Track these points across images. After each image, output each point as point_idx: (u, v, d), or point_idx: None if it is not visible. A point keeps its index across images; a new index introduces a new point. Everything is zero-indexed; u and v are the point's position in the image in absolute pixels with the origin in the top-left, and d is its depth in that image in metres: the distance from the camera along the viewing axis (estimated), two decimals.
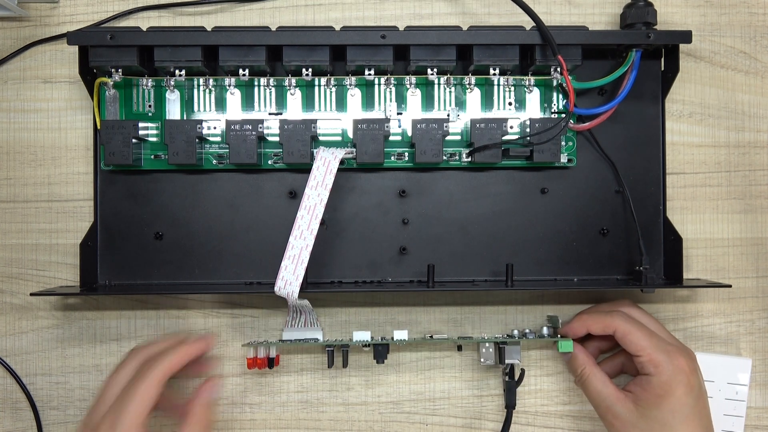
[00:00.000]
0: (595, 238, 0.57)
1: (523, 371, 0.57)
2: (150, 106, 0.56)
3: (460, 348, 0.58)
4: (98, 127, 0.55)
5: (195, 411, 0.49)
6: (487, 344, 0.56)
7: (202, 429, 0.49)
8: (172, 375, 0.49)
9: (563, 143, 0.56)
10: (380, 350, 0.55)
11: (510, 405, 0.56)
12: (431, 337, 0.56)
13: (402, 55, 0.54)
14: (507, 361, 0.55)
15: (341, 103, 0.56)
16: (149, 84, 0.55)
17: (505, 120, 0.54)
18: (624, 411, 0.51)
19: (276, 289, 0.51)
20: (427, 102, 0.57)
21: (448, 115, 0.56)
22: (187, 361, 0.50)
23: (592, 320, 0.53)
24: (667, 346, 0.51)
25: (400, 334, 0.55)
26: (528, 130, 0.54)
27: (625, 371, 0.56)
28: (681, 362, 0.50)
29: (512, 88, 0.56)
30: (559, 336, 0.55)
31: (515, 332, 0.56)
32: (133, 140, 0.53)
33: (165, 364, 0.48)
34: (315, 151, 0.53)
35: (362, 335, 0.55)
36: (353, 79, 0.56)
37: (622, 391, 0.52)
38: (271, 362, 0.56)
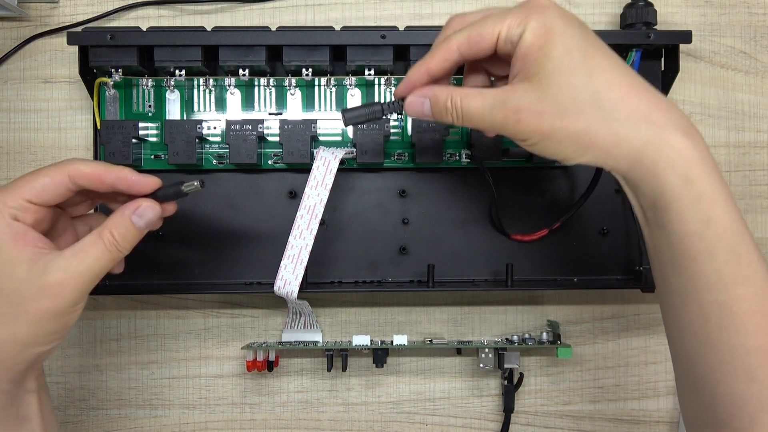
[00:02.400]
0: (595, 238, 0.57)
1: (521, 375, 0.57)
2: (150, 106, 0.56)
3: (459, 351, 0.58)
4: (98, 127, 0.55)
5: (109, 221, 0.39)
6: (486, 350, 0.56)
7: (108, 246, 0.39)
8: (82, 180, 0.39)
9: None
10: (379, 354, 0.55)
11: (508, 409, 0.56)
12: (431, 341, 0.56)
13: (402, 55, 0.54)
14: (506, 366, 0.55)
15: (341, 103, 0.56)
16: (149, 84, 0.55)
17: None
18: (519, 96, 0.37)
19: (275, 288, 0.51)
20: None
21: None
22: (113, 180, 0.40)
23: (427, 59, 0.40)
24: (514, 7, 0.38)
25: (400, 339, 0.55)
26: None
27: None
28: (539, 1, 0.38)
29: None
30: (559, 342, 0.55)
31: (515, 337, 0.56)
32: (133, 140, 0.53)
33: (84, 163, 0.39)
34: (315, 151, 0.53)
35: (362, 339, 0.55)
36: (353, 79, 0.56)
37: (506, 85, 0.39)
38: (271, 365, 0.56)
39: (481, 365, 0.56)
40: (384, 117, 0.43)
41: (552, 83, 0.36)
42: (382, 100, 0.56)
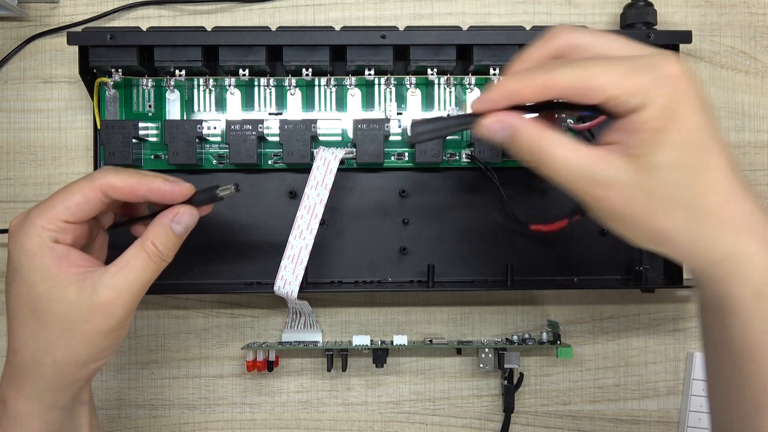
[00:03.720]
0: (595, 238, 0.57)
1: (521, 375, 0.57)
2: (150, 106, 0.56)
3: (459, 351, 0.58)
4: (98, 127, 0.55)
5: (150, 231, 0.39)
6: (486, 350, 0.56)
7: (152, 257, 0.39)
8: (116, 194, 0.39)
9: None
10: (379, 354, 0.55)
11: (508, 409, 0.56)
12: (431, 341, 0.56)
13: (402, 55, 0.54)
14: (506, 366, 0.55)
15: (341, 103, 0.56)
16: (149, 84, 0.55)
17: None
18: (613, 172, 0.33)
19: (275, 288, 0.51)
20: (427, 102, 0.57)
21: (449, 115, 0.56)
22: (146, 192, 0.39)
23: (520, 84, 0.35)
24: (638, 60, 0.33)
25: (400, 339, 0.55)
26: None
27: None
28: (669, 69, 0.32)
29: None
30: (559, 342, 0.55)
31: (515, 337, 0.56)
32: (133, 140, 0.53)
33: (116, 176, 0.38)
34: (315, 151, 0.53)
35: (362, 339, 0.55)
36: (353, 79, 0.56)
37: (602, 147, 0.34)
38: (271, 365, 0.56)
39: (481, 365, 0.56)
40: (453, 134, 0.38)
41: (655, 174, 0.33)
42: (382, 101, 0.56)
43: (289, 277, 0.51)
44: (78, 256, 0.38)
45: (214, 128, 0.56)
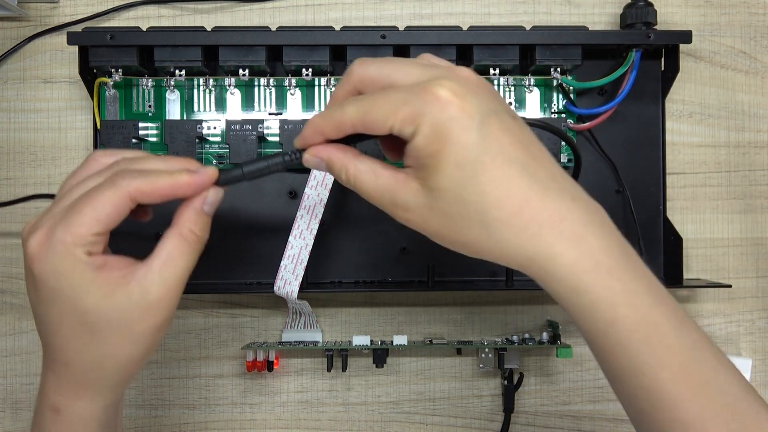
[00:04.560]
0: None
1: (521, 375, 0.57)
2: (150, 106, 0.56)
3: (459, 351, 0.58)
4: (98, 127, 0.55)
5: (184, 217, 0.38)
6: (486, 350, 0.56)
7: (192, 242, 0.38)
8: (144, 200, 0.37)
9: (563, 143, 0.56)
10: (379, 354, 0.55)
11: (508, 409, 0.56)
12: (431, 341, 0.56)
13: (402, 55, 0.54)
14: (506, 366, 0.55)
15: None
16: (149, 84, 0.55)
17: None
18: (409, 196, 0.35)
19: (275, 288, 0.51)
20: None
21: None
22: (174, 193, 0.38)
23: (323, 122, 0.37)
24: (411, 89, 0.34)
25: (400, 339, 0.55)
26: None
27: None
28: (438, 92, 0.33)
29: (512, 88, 0.56)
30: (558, 342, 0.55)
31: (515, 338, 0.56)
32: (133, 140, 0.54)
33: (144, 181, 0.36)
34: None
35: (362, 339, 0.55)
36: None
37: (401, 172, 0.35)
38: (271, 365, 0.56)
39: (481, 365, 0.56)
40: (286, 169, 0.40)
41: (441, 196, 0.34)
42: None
43: (289, 277, 0.51)
44: (115, 260, 0.37)
45: (214, 128, 0.56)
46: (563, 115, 0.56)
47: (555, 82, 0.56)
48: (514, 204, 0.34)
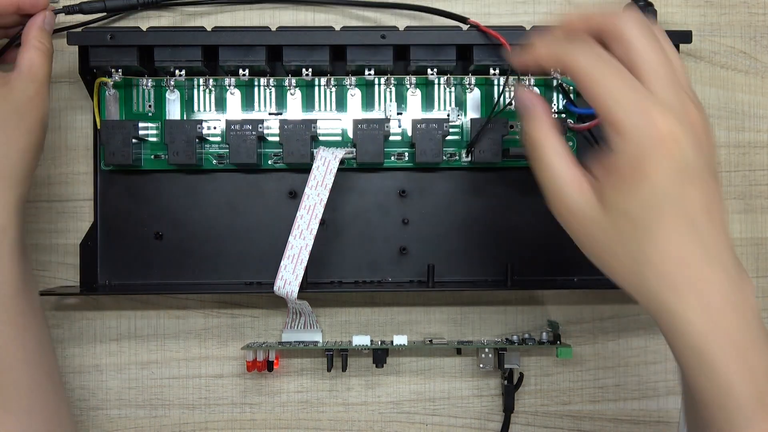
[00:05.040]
0: None
1: (521, 375, 0.57)
2: (150, 106, 0.56)
3: (459, 351, 0.58)
4: (98, 127, 0.55)
5: (31, 34, 0.47)
6: (486, 350, 0.56)
7: (44, 51, 0.47)
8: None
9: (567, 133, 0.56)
10: (379, 354, 0.55)
11: (508, 409, 0.56)
12: (431, 341, 0.56)
13: (402, 55, 0.54)
14: (506, 366, 0.55)
15: (341, 103, 0.56)
16: (149, 84, 0.56)
17: (506, 120, 0.54)
18: (580, 200, 0.35)
19: (275, 288, 0.51)
20: (427, 102, 0.57)
21: (448, 115, 0.56)
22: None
23: (544, 47, 0.37)
24: (644, 102, 0.33)
25: (400, 339, 0.55)
26: None
27: None
28: (660, 126, 0.33)
29: (512, 88, 0.56)
30: (559, 342, 0.55)
31: (515, 338, 0.56)
32: (133, 140, 0.53)
33: None
34: (315, 151, 0.53)
35: (362, 339, 0.55)
36: (353, 79, 0.56)
37: (583, 172, 0.36)
38: (271, 365, 0.56)
39: (481, 365, 0.56)
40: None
41: (611, 216, 0.35)
42: (382, 101, 0.56)
43: (289, 277, 0.51)
44: None
45: (214, 128, 0.56)
46: (563, 115, 0.56)
47: (555, 82, 0.56)
48: (674, 261, 0.34)
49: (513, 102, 0.41)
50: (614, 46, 0.35)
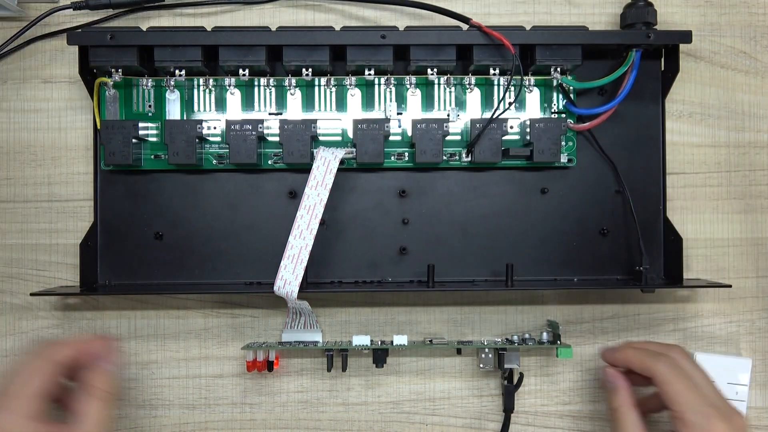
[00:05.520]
0: (595, 238, 0.57)
1: (521, 375, 0.57)
2: (150, 106, 0.56)
3: (459, 351, 0.58)
4: (98, 127, 0.55)
5: (89, 377, 0.46)
6: (486, 350, 0.56)
7: (101, 398, 0.46)
8: (64, 359, 0.46)
9: (563, 143, 0.56)
10: (379, 354, 0.55)
11: (508, 409, 0.56)
12: (431, 341, 0.56)
13: (402, 55, 0.54)
14: (506, 366, 0.55)
15: (341, 103, 0.56)
16: (149, 84, 0.55)
17: (506, 120, 0.54)
18: None
19: (275, 288, 0.51)
20: (427, 102, 0.57)
21: (448, 115, 0.56)
22: (79, 352, 0.47)
23: (636, 358, 0.51)
24: (705, 408, 0.47)
25: (400, 339, 0.55)
26: (528, 130, 0.54)
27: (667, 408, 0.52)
28: (717, 429, 0.46)
29: (512, 88, 0.56)
30: (559, 342, 0.55)
31: (515, 338, 0.56)
32: (133, 140, 0.53)
33: (56, 346, 0.46)
34: (315, 151, 0.53)
35: (362, 339, 0.55)
36: (353, 79, 0.56)
37: None
38: (271, 365, 0.56)
39: (481, 365, 0.56)
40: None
41: None
42: (382, 101, 0.56)
43: (289, 277, 0.51)
44: (51, 428, 0.44)
45: (214, 128, 0.56)
46: (563, 115, 0.57)
47: (555, 82, 0.56)
48: None
49: (600, 379, 0.55)
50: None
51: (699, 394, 0.47)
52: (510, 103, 0.54)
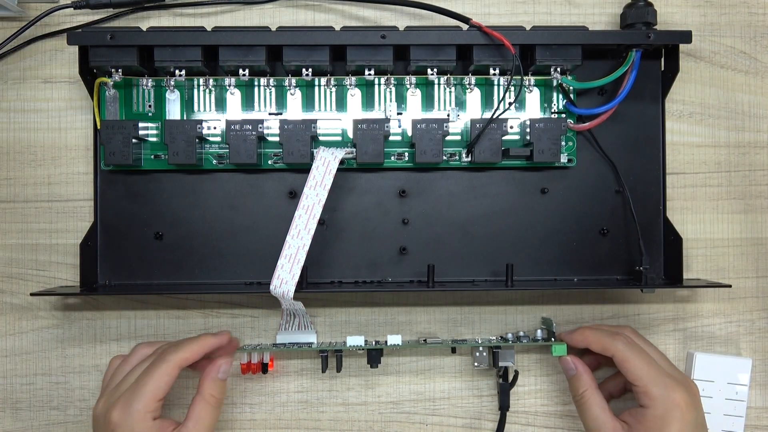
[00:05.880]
0: (595, 238, 0.57)
1: (516, 373, 0.57)
2: (150, 106, 0.56)
3: (454, 350, 0.57)
4: (98, 127, 0.55)
5: (205, 385, 0.50)
6: (480, 348, 0.56)
7: (213, 404, 0.50)
8: (188, 364, 0.50)
9: (563, 143, 0.56)
10: (374, 355, 0.55)
11: (504, 407, 0.56)
12: (425, 341, 0.56)
13: (402, 55, 0.54)
14: (501, 364, 0.55)
15: (341, 103, 0.56)
16: (149, 84, 0.55)
17: (506, 120, 0.54)
18: None
19: (272, 288, 0.51)
20: (427, 102, 0.57)
21: (448, 115, 0.56)
22: (206, 351, 0.51)
23: (593, 337, 0.53)
24: (665, 379, 0.50)
25: (394, 339, 0.54)
26: (528, 130, 0.54)
27: (628, 390, 0.55)
28: (677, 397, 0.49)
29: (512, 89, 0.56)
30: (553, 339, 0.55)
31: (509, 335, 0.56)
32: (133, 140, 0.53)
33: (184, 351, 0.50)
34: (315, 151, 0.53)
35: (355, 340, 0.54)
36: (353, 79, 0.56)
37: (618, 420, 0.51)
38: (265, 367, 0.55)
39: (476, 364, 0.56)
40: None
41: None
42: (382, 101, 0.56)
43: (286, 276, 0.51)
44: (168, 423, 0.49)
45: (214, 128, 0.56)
46: (563, 115, 0.56)
47: (555, 82, 0.56)
48: None
49: (561, 366, 0.55)
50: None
51: (657, 368, 0.50)
52: (510, 103, 0.54)
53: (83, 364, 0.58)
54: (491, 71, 0.55)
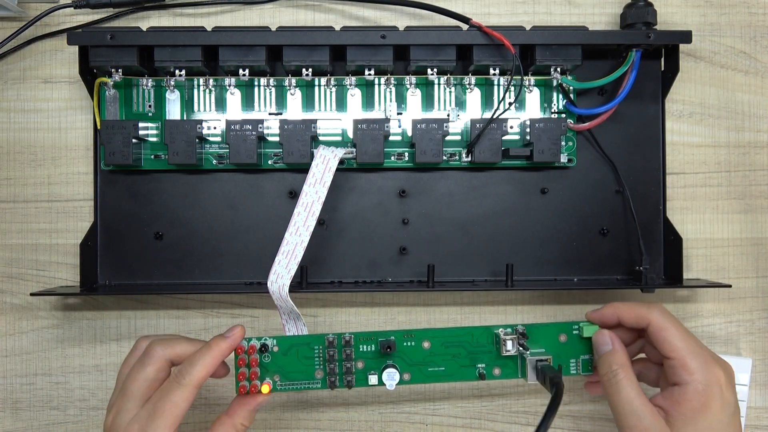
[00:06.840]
0: (595, 238, 0.57)
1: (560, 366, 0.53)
2: (150, 106, 0.56)
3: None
4: (98, 127, 0.55)
5: (239, 413, 0.48)
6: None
7: (241, 431, 0.48)
8: (205, 381, 0.46)
9: (563, 143, 0.56)
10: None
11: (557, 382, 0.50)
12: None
13: (402, 55, 0.54)
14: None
15: (341, 103, 0.56)
16: (149, 84, 0.56)
17: (506, 120, 0.54)
18: (655, 425, 0.44)
19: (268, 283, 0.50)
20: (427, 102, 0.57)
21: (448, 115, 0.57)
22: (221, 361, 0.47)
23: (625, 308, 0.48)
24: (703, 352, 0.46)
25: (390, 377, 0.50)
26: (528, 130, 0.54)
27: (642, 380, 0.50)
28: (718, 373, 0.45)
29: (512, 89, 0.56)
30: (582, 322, 0.53)
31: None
32: (133, 140, 0.54)
33: (198, 370, 0.45)
34: (315, 149, 0.53)
35: (391, 376, 0.50)
36: (353, 79, 0.56)
37: (654, 405, 0.45)
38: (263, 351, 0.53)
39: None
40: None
41: None
42: (382, 101, 0.56)
43: (282, 271, 0.50)
44: None
45: (214, 128, 0.56)
46: (563, 115, 0.57)
47: (555, 82, 0.56)
48: None
49: (594, 343, 0.49)
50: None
51: (695, 340, 0.46)
52: (510, 103, 0.54)
53: (83, 364, 0.58)
54: (491, 71, 0.55)
